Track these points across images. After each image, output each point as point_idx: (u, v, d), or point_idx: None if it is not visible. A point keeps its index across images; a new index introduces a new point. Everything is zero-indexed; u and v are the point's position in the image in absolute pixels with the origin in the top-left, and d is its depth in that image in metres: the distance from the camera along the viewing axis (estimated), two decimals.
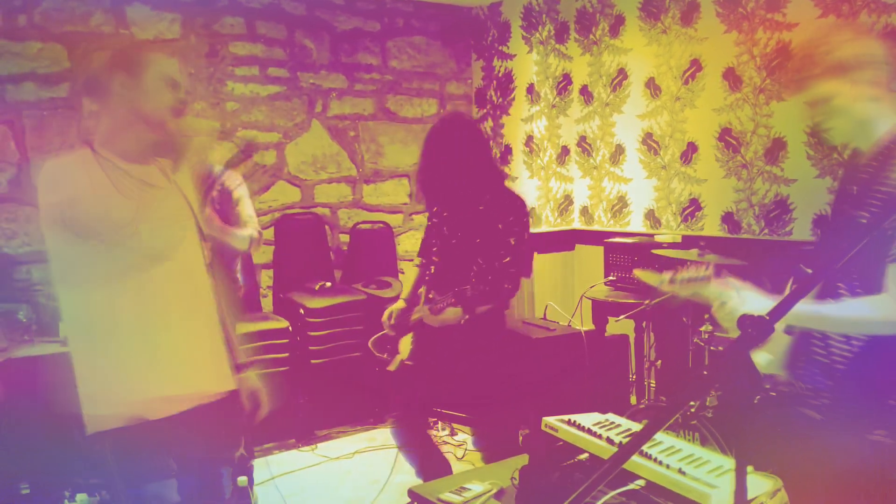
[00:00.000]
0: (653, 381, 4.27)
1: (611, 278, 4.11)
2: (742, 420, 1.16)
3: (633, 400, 4.19)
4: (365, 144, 5.10)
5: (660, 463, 1.69)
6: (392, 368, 3.00)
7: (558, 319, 4.19)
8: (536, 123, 4.98)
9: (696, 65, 4.20)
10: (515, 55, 5.07)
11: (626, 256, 4.03)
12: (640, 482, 1.70)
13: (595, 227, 4.99)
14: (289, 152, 4.78)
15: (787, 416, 1.85)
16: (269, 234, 4.65)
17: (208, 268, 3.18)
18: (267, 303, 4.72)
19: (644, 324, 4.01)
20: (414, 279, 3.13)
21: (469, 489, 2.02)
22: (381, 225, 5.14)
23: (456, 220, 2.86)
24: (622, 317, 3.76)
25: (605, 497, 1.66)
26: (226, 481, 3.28)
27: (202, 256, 2.08)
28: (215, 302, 2.09)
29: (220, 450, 2.45)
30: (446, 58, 5.40)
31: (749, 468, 1.49)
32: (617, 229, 4.77)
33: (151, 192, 1.93)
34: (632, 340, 4.12)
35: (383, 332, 3.12)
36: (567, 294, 5.02)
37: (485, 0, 5.21)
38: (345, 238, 5.05)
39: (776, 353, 1.89)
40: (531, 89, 4.97)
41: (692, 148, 4.28)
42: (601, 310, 4.03)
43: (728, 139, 4.07)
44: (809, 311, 1.68)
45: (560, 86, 5.03)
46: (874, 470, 1.66)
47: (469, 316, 2.72)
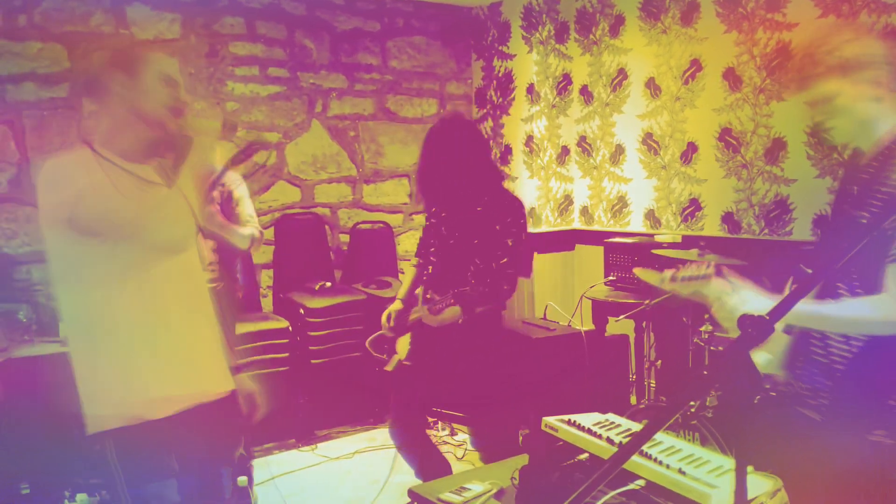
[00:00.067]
0: (653, 381, 4.27)
1: (611, 278, 4.11)
2: (742, 420, 1.16)
3: (633, 400, 4.19)
4: (365, 144, 5.10)
5: (660, 463, 1.69)
6: (389, 368, 2.99)
7: (558, 319, 4.19)
8: (536, 123, 4.98)
9: (696, 65, 4.20)
10: (515, 55, 5.07)
11: (626, 256, 4.03)
12: (640, 482, 1.70)
13: (595, 227, 4.99)
14: (289, 152, 4.78)
15: (787, 416, 1.85)
16: (269, 234, 4.65)
17: (212, 266, 3.20)
18: (267, 303, 4.72)
19: (644, 324, 4.01)
20: (411, 279, 3.13)
21: (469, 489, 2.02)
22: (381, 225, 5.14)
23: (454, 221, 2.87)
24: (622, 317, 3.76)
25: (605, 497, 1.66)
26: (226, 481, 3.28)
27: (201, 257, 2.08)
28: (213, 302, 2.09)
29: (221, 450, 2.45)
30: (446, 58, 5.40)
31: (749, 468, 1.49)
32: (617, 229, 4.77)
33: (151, 192, 1.93)
34: (632, 340, 4.12)
35: (381, 332, 3.12)
36: (567, 294, 5.02)
37: (485, 0, 5.21)
38: (345, 238, 5.05)
39: (775, 353, 1.89)
40: (531, 89, 4.97)
41: (692, 148, 4.28)
42: (601, 310, 4.03)
43: (728, 139, 4.07)
44: (809, 311, 1.68)
45: (560, 86, 5.03)
46: (874, 470, 1.66)
47: (467, 316, 2.72)
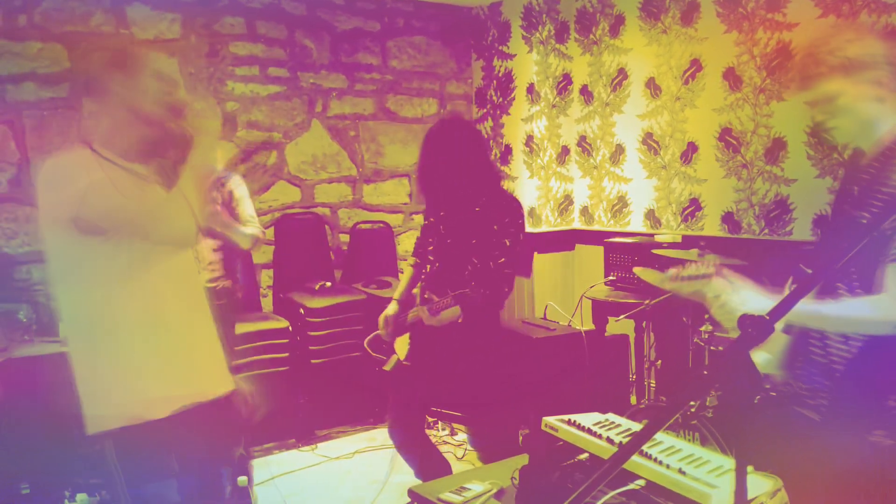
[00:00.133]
0: (653, 381, 4.27)
1: (611, 278, 4.11)
2: (742, 420, 1.15)
3: (633, 400, 4.19)
4: (365, 144, 5.10)
5: (660, 463, 1.69)
6: (388, 368, 2.99)
7: (558, 319, 4.19)
8: (536, 123, 4.98)
9: (697, 65, 4.20)
10: (515, 55, 5.07)
11: (627, 256, 4.03)
12: (640, 482, 1.70)
13: (595, 227, 4.98)
14: (289, 152, 4.78)
15: (787, 416, 1.84)
16: (270, 234, 4.66)
17: (213, 266, 3.20)
18: (267, 303, 4.72)
19: (644, 324, 4.01)
20: (408, 279, 3.12)
21: (469, 489, 2.02)
22: (381, 225, 5.14)
23: (452, 221, 2.86)
24: (622, 317, 3.75)
25: (605, 497, 1.66)
26: (226, 481, 3.28)
27: (201, 257, 2.08)
28: (210, 301, 2.09)
29: (221, 450, 2.45)
30: (446, 58, 5.40)
31: (749, 468, 1.49)
32: (617, 229, 4.77)
33: (151, 192, 1.93)
34: (632, 340, 4.12)
35: (378, 332, 3.12)
36: (567, 294, 5.02)
37: (485, 0, 5.21)
38: (345, 238, 5.05)
39: (774, 353, 1.89)
40: (531, 89, 4.96)
41: (692, 148, 4.28)
42: (601, 310, 4.03)
43: (728, 139, 4.07)
44: (809, 310, 1.68)
45: (560, 86, 5.02)
46: (874, 470, 1.66)
47: (467, 316, 2.72)
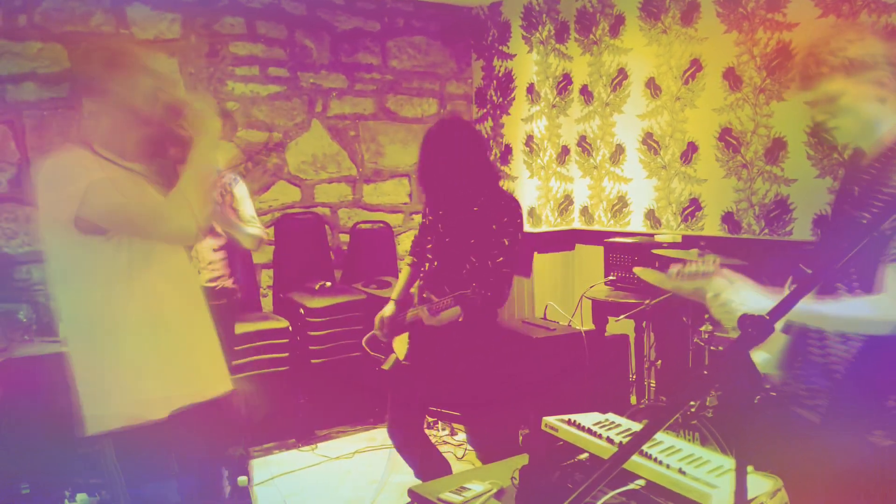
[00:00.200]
0: (653, 381, 4.27)
1: (611, 278, 4.11)
2: (742, 420, 1.15)
3: (633, 400, 4.19)
4: (365, 144, 5.10)
5: (660, 463, 1.69)
6: (386, 367, 2.99)
7: (558, 319, 4.19)
8: (536, 123, 4.98)
9: (697, 65, 4.20)
10: (515, 55, 5.07)
11: (627, 256, 4.03)
12: (640, 482, 1.70)
13: (595, 227, 4.98)
14: (289, 152, 4.78)
15: (787, 417, 1.84)
16: (270, 234, 4.66)
17: (213, 266, 3.20)
18: (267, 303, 4.72)
19: (644, 324, 4.01)
20: (406, 278, 3.11)
21: (469, 489, 2.02)
22: (381, 225, 5.14)
23: (451, 220, 2.86)
24: (622, 317, 3.75)
25: (605, 497, 1.66)
26: (226, 481, 3.28)
27: (200, 257, 2.08)
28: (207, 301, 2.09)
29: (220, 449, 2.45)
30: (446, 58, 5.40)
31: (749, 468, 1.49)
32: (617, 229, 4.77)
33: (151, 192, 1.93)
34: (632, 340, 4.12)
35: (374, 332, 3.11)
36: (567, 294, 5.02)
37: (485, 0, 5.21)
38: (345, 238, 5.05)
39: (773, 353, 1.89)
40: (531, 89, 4.96)
41: (692, 148, 4.28)
42: (601, 310, 4.03)
43: (728, 139, 4.07)
44: (809, 310, 1.68)
45: (560, 86, 5.02)
46: (874, 470, 1.66)
47: (467, 316, 2.71)
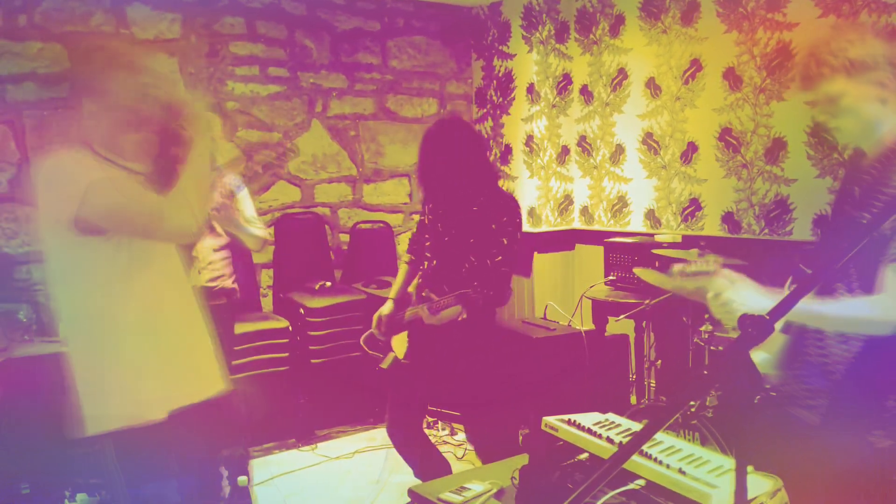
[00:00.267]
0: (653, 381, 4.27)
1: (611, 278, 4.11)
2: (742, 420, 1.15)
3: (633, 400, 4.19)
4: (365, 144, 5.10)
5: (660, 463, 1.69)
6: (385, 366, 2.99)
7: (558, 319, 4.19)
8: (536, 123, 4.98)
9: (697, 65, 4.20)
10: (515, 55, 5.07)
11: (627, 256, 4.03)
12: (640, 482, 1.70)
13: (595, 227, 4.98)
14: (288, 152, 4.77)
15: (787, 417, 1.84)
16: (270, 234, 4.65)
17: (213, 266, 3.20)
18: (267, 303, 4.72)
19: (644, 324, 4.01)
20: (403, 277, 3.11)
21: (469, 489, 2.02)
22: (381, 224, 5.14)
23: (451, 219, 2.86)
24: (622, 317, 3.75)
25: (605, 497, 1.66)
26: (226, 481, 3.28)
27: (200, 256, 2.08)
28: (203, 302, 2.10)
29: (220, 449, 2.46)
30: (446, 57, 5.40)
31: (749, 468, 1.49)
32: (617, 229, 4.77)
33: (151, 191, 1.93)
34: (632, 340, 4.12)
35: (372, 331, 3.11)
36: (567, 294, 5.02)
37: (485, 0, 5.21)
38: (345, 238, 5.05)
39: (772, 352, 1.88)
40: (531, 89, 4.96)
41: (692, 148, 4.28)
42: (601, 310, 4.03)
43: (728, 139, 4.07)
44: (809, 310, 1.67)
45: (560, 85, 5.02)
46: (874, 470, 1.66)
47: (469, 315, 2.71)
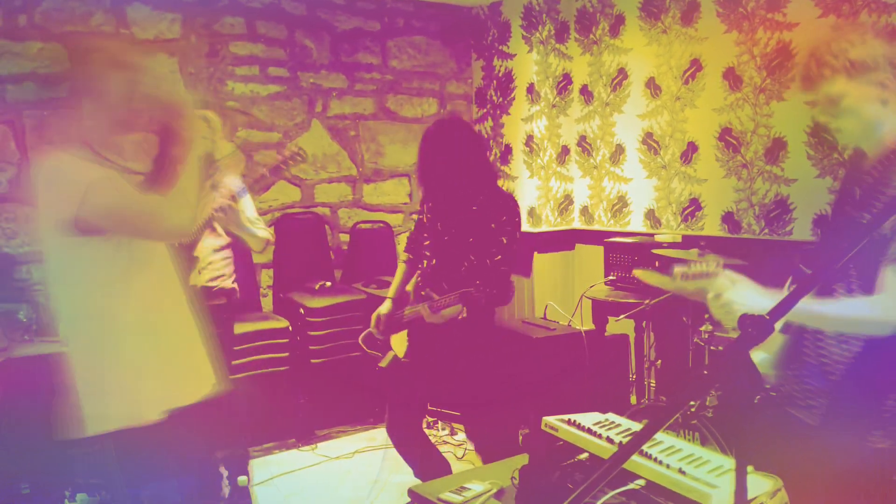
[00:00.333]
0: (653, 381, 4.27)
1: (611, 278, 4.11)
2: (742, 420, 1.15)
3: (633, 400, 4.19)
4: (365, 144, 5.10)
5: (660, 463, 1.69)
6: (383, 365, 2.99)
7: (558, 319, 4.19)
8: (536, 123, 4.98)
9: (697, 64, 4.20)
10: (515, 55, 5.07)
11: (627, 256, 4.03)
12: (640, 482, 1.70)
13: (595, 227, 4.98)
14: (288, 152, 4.77)
15: (788, 417, 1.84)
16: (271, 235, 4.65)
17: (213, 266, 3.20)
18: (267, 302, 4.72)
19: (644, 324, 4.01)
20: (401, 276, 3.11)
21: (469, 489, 2.02)
22: (382, 224, 5.14)
23: (450, 219, 2.86)
24: (622, 316, 3.75)
25: (605, 497, 1.66)
26: (225, 481, 3.28)
27: (199, 256, 2.08)
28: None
29: (219, 449, 2.46)
30: (446, 57, 5.40)
31: (749, 468, 1.49)
32: (617, 229, 4.77)
33: (151, 191, 1.93)
34: (632, 340, 4.12)
35: (370, 330, 3.11)
36: (567, 294, 5.02)
37: (485, 0, 5.21)
38: (345, 238, 5.05)
39: (771, 352, 1.88)
40: (531, 89, 4.96)
41: (692, 148, 4.28)
42: (601, 309, 4.03)
43: (728, 139, 4.07)
44: (808, 310, 1.67)
45: (560, 85, 5.02)
46: (874, 470, 1.65)
47: (470, 313, 2.71)
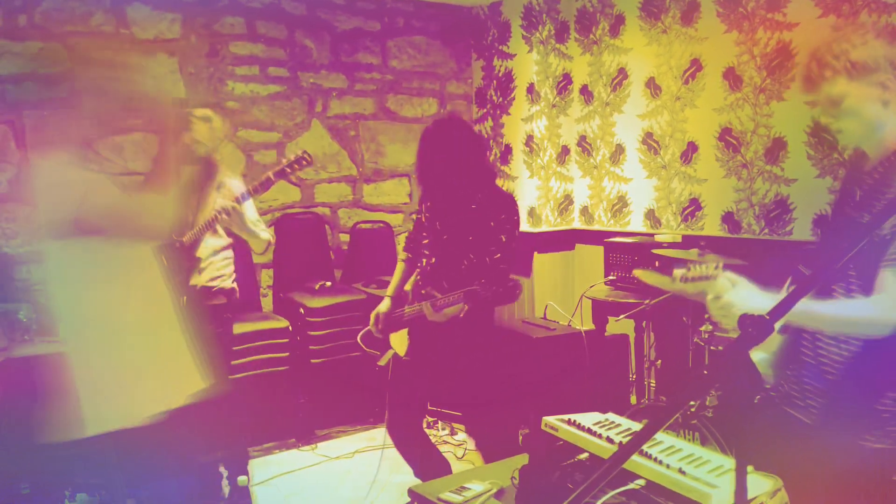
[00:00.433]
0: (653, 381, 4.27)
1: (611, 278, 4.11)
2: (742, 420, 1.15)
3: (633, 400, 4.19)
4: (365, 144, 5.10)
5: (660, 463, 1.69)
6: (382, 363, 2.98)
7: (558, 319, 4.19)
8: (536, 123, 4.98)
9: (697, 64, 4.20)
10: (515, 55, 5.07)
11: (627, 256, 4.03)
12: (640, 482, 1.70)
13: (595, 227, 4.98)
14: (289, 152, 4.78)
15: (787, 417, 1.84)
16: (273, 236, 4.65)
17: (213, 266, 3.20)
18: (267, 302, 4.72)
19: (644, 324, 4.01)
20: (400, 275, 3.11)
21: (469, 489, 2.02)
22: (382, 224, 5.14)
23: (449, 218, 2.87)
24: (622, 316, 3.75)
25: (605, 497, 1.66)
26: (225, 481, 3.28)
27: (199, 256, 2.08)
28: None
29: (219, 449, 2.46)
30: (446, 57, 5.40)
31: (749, 468, 1.49)
32: (617, 229, 4.77)
33: (151, 191, 1.93)
34: (632, 340, 4.12)
35: (369, 328, 3.11)
36: (567, 294, 5.02)
37: (485, 0, 5.21)
38: (345, 238, 5.05)
39: (769, 352, 1.88)
40: (531, 89, 4.96)
41: (692, 148, 4.28)
42: (601, 309, 4.03)
43: (728, 139, 4.07)
44: (808, 310, 1.67)
45: (560, 85, 5.02)
46: (874, 470, 1.65)
47: (472, 312, 2.70)
